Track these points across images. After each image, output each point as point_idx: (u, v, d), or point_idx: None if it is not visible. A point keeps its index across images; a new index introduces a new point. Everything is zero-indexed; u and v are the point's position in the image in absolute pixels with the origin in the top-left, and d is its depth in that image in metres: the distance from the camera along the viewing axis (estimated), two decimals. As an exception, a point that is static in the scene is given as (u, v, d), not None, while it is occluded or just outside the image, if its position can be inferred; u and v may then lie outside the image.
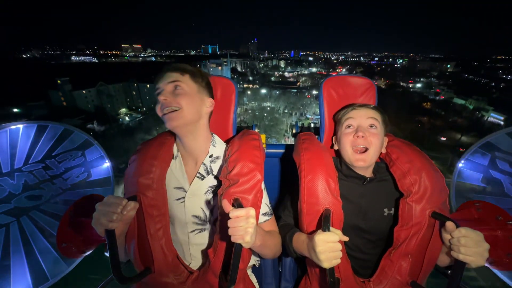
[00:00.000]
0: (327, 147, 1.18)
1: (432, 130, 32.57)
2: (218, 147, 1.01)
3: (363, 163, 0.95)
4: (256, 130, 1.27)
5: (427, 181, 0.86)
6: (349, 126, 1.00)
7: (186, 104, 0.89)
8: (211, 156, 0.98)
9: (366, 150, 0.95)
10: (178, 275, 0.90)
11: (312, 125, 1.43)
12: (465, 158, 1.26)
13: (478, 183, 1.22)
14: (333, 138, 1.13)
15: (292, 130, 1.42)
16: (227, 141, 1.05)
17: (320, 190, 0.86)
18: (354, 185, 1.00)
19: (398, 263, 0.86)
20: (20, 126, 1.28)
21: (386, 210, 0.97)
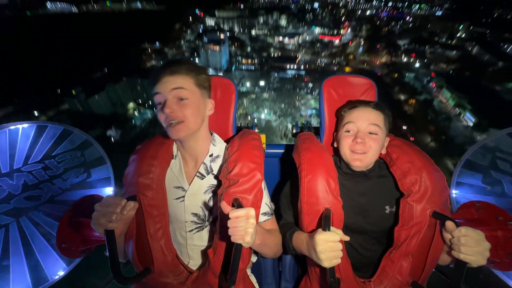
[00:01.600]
0: (327, 146, 1.18)
1: (408, 134, 33.32)
2: (218, 146, 1.00)
3: (360, 163, 0.94)
4: (256, 130, 1.27)
5: (428, 181, 0.86)
6: (348, 131, 0.98)
7: (192, 116, 0.86)
8: (211, 155, 0.98)
9: (364, 152, 0.95)
10: (177, 275, 0.90)
11: (315, 123, 1.43)
12: (466, 158, 1.26)
13: (478, 183, 1.21)
14: (334, 134, 1.13)
15: (292, 130, 1.42)
16: (227, 141, 1.04)
17: (320, 190, 0.86)
18: (355, 183, 1.00)
19: (398, 263, 0.86)
20: (20, 126, 1.28)
21: (387, 207, 0.97)
